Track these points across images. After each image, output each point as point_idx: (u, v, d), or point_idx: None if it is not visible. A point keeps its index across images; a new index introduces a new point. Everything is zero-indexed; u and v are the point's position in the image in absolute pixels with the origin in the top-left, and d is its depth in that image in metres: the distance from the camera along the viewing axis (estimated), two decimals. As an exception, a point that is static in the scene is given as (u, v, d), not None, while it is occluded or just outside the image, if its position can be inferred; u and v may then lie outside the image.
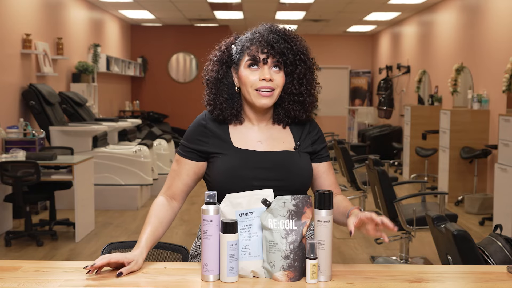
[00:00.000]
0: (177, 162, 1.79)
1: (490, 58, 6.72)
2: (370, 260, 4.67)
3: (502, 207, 5.20)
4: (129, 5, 9.22)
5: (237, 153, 1.72)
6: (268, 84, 1.69)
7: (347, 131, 13.18)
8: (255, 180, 1.67)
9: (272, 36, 1.70)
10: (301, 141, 1.78)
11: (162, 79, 11.83)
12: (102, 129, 6.58)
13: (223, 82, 1.77)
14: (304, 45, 1.77)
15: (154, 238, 1.69)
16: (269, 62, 1.70)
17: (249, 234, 1.55)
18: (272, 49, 1.69)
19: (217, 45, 1.82)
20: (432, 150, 7.91)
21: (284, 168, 1.70)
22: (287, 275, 1.50)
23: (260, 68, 1.70)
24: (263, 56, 1.69)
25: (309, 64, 1.76)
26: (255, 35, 1.73)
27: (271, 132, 1.78)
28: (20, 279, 1.52)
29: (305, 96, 1.75)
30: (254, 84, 1.70)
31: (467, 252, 2.34)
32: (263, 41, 1.70)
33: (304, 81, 1.74)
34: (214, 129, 1.76)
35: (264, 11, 9.59)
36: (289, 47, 1.71)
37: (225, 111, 1.75)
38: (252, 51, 1.70)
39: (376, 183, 4.37)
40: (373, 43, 13.16)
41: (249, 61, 1.70)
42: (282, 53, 1.70)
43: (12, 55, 6.07)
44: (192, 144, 1.76)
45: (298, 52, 1.73)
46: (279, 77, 1.71)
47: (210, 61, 1.81)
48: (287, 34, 1.74)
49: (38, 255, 4.72)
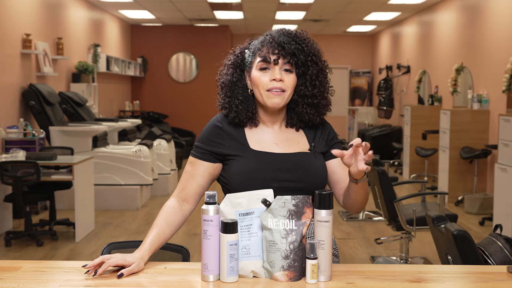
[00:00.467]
0: (191, 164, 1.78)
1: (490, 58, 6.72)
2: (370, 260, 4.67)
3: (502, 207, 5.20)
4: (129, 5, 9.22)
5: (254, 155, 1.72)
6: (279, 85, 1.69)
7: (347, 131, 13.18)
8: (274, 182, 1.67)
9: (283, 37, 1.72)
10: (315, 142, 1.79)
11: (162, 79, 11.83)
12: (102, 129, 6.58)
13: (237, 85, 1.77)
14: (315, 47, 1.77)
15: (159, 241, 1.68)
16: (280, 63, 1.70)
17: (249, 234, 1.56)
18: (282, 50, 1.69)
19: (231, 50, 1.84)
20: (432, 150, 7.91)
21: (302, 169, 1.71)
22: (287, 275, 1.50)
23: (271, 69, 1.71)
24: (274, 57, 1.70)
25: (321, 66, 1.77)
26: (267, 37, 1.75)
27: (286, 134, 1.79)
28: (20, 279, 1.52)
29: (318, 98, 1.76)
30: (265, 85, 1.70)
31: (467, 252, 2.34)
32: (274, 42, 1.71)
33: (316, 83, 1.75)
34: (230, 131, 1.77)
35: (264, 11, 9.59)
36: (300, 48, 1.72)
37: (241, 113, 1.75)
38: (263, 52, 1.72)
39: (376, 183, 4.37)
40: (373, 43, 13.16)
41: (260, 63, 1.71)
42: (293, 54, 1.70)
43: (12, 55, 6.07)
44: (207, 146, 1.76)
45: (309, 53, 1.73)
46: (290, 78, 1.71)
47: (225, 65, 1.82)
48: (299, 36, 1.74)
49: (38, 255, 4.72)
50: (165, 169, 7.58)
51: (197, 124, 11.25)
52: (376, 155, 7.91)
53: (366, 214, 6.21)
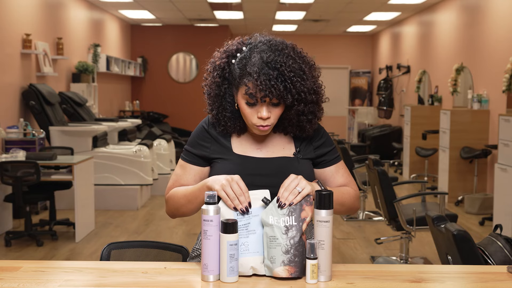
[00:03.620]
0: (181, 168, 1.78)
1: (490, 58, 6.72)
2: (370, 260, 4.67)
3: (502, 207, 5.20)
4: (129, 5, 9.22)
5: (235, 159, 1.72)
6: (266, 122, 1.65)
7: (347, 131, 13.18)
8: (252, 186, 1.62)
9: (270, 74, 1.58)
10: (302, 147, 1.76)
11: (162, 79, 11.84)
12: (102, 129, 6.58)
13: (225, 98, 1.72)
14: (306, 69, 1.64)
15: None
16: (267, 100, 1.63)
17: (247, 232, 1.56)
18: (270, 93, 1.59)
19: (217, 50, 1.75)
20: (432, 150, 7.91)
21: (281, 174, 1.65)
22: (287, 270, 1.50)
23: (258, 104, 1.63)
24: (261, 94, 1.60)
25: (311, 86, 1.66)
26: (253, 68, 1.59)
27: (272, 138, 1.77)
28: (20, 279, 1.52)
29: (311, 116, 1.70)
30: (252, 120, 1.66)
31: (467, 252, 2.34)
32: (259, 79, 1.58)
33: (308, 105, 1.67)
34: (216, 134, 1.76)
35: (264, 11, 9.59)
36: (288, 88, 1.60)
37: (229, 128, 1.74)
38: (250, 89, 1.60)
39: (376, 183, 4.37)
40: (373, 43, 13.16)
41: (246, 96, 1.62)
42: (281, 95, 1.60)
43: (12, 55, 6.07)
44: (195, 149, 1.77)
45: (300, 90, 1.63)
46: (277, 110, 1.65)
47: (212, 70, 1.73)
48: (288, 66, 1.60)
49: (38, 255, 4.72)
50: (165, 169, 7.58)
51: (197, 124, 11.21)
52: (376, 155, 7.93)
53: (366, 214, 6.21)
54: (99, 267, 1.65)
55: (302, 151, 1.76)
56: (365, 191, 6.14)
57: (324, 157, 1.78)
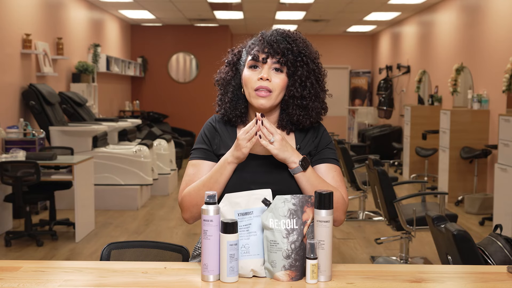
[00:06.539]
0: (193, 166, 1.77)
1: (490, 58, 6.72)
2: (370, 260, 4.67)
3: (502, 207, 5.20)
4: (129, 5, 9.22)
5: None
6: (265, 84, 1.68)
7: (347, 131, 13.18)
8: (253, 184, 1.67)
9: (274, 37, 1.72)
10: (303, 145, 1.77)
11: (162, 79, 11.83)
12: (102, 129, 6.58)
13: (230, 83, 1.79)
14: (308, 48, 1.76)
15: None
16: (269, 62, 1.70)
17: (248, 233, 1.55)
18: (271, 49, 1.69)
19: (230, 49, 1.85)
20: (432, 150, 7.91)
21: (280, 172, 1.70)
22: (288, 274, 1.50)
23: (260, 68, 1.71)
24: (263, 55, 1.70)
25: (312, 67, 1.74)
26: (259, 36, 1.76)
27: None
28: (20, 279, 1.52)
29: (308, 100, 1.73)
30: (253, 84, 1.70)
31: (467, 252, 2.34)
32: (264, 41, 1.72)
33: (307, 84, 1.72)
34: (222, 130, 1.79)
35: (264, 11, 9.59)
36: (289, 48, 1.71)
37: (229, 111, 1.77)
38: (253, 51, 1.72)
39: (376, 183, 4.37)
40: (373, 43, 13.16)
41: (250, 61, 1.72)
42: (282, 53, 1.70)
43: (12, 55, 6.07)
44: (205, 145, 1.79)
45: (299, 53, 1.72)
46: (278, 78, 1.70)
47: (223, 64, 1.84)
48: (290, 36, 1.74)
49: (38, 255, 4.72)
50: (165, 169, 7.58)
51: (197, 124, 11.26)
52: (376, 155, 7.93)
53: (366, 214, 6.21)
54: (99, 267, 1.65)
55: (303, 149, 1.77)
56: (365, 191, 6.14)
57: (318, 154, 1.79)
